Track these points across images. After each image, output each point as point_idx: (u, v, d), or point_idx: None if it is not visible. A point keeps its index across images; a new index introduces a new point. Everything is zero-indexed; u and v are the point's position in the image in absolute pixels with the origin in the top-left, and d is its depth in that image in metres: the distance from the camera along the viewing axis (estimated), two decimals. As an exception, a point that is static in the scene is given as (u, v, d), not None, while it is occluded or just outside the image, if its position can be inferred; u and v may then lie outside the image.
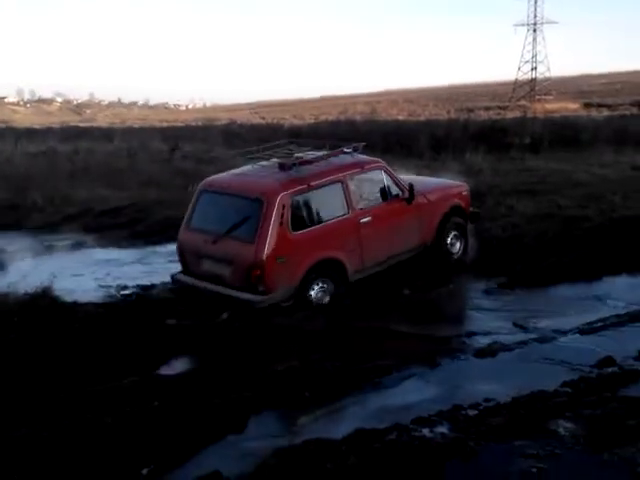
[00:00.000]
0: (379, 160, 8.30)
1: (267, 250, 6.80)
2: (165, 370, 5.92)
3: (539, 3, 76.15)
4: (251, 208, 7.01)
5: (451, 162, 20.81)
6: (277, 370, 5.62)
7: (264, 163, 7.84)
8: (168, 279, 8.63)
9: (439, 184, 9.38)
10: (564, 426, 4.51)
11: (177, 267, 7.89)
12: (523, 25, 77.76)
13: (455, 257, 8.93)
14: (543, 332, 6.52)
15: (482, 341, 6.26)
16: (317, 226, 7.27)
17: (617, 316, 6.87)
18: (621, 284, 8.13)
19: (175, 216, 12.52)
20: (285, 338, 6.44)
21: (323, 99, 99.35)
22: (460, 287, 8.17)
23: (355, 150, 8.24)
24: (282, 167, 7.42)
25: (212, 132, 32.86)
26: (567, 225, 10.79)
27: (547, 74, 77.85)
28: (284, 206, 6.96)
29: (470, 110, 47.94)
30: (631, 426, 4.40)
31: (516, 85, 74.87)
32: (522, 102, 61.57)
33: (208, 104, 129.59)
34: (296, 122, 41.68)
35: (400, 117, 43.89)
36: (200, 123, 46.31)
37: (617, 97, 55.28)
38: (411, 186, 8.18)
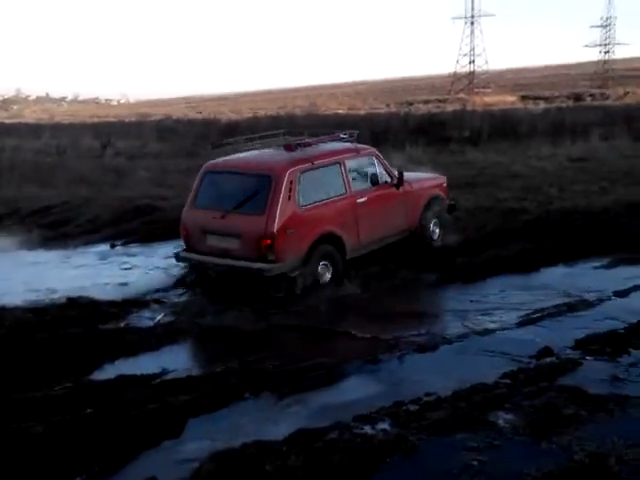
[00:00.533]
0: (372, 147, 9.10)
1: (277, 221, 7.39)
2: (98, 375, 5.78)
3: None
4: (260, 184, 7.60)
5: (392, 155, 21.04)
6: (215, 371, 5.56)
7: (269, 148, 8.48)
8: (101, 280, 8.48)
9: (422, 176, 10.24)
10: (504, 417, 4.60)
11: (109, 267, 7.76)
12: (461, 18, 79.18)
13: (435, 244, 9.65)
14: (483, 324, 6.64)
15: (423, 335, 6.33)
16: (320, 202, 7.93)
17: (555, 306, 7.05)
18: (558, 274, 8.36)
19: (107, 215, 12.34)
20: (223, 339, 6.39)
21: (261, 93, 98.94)
22: (402, 282, 8.24)
23: (351, 137, 8.89)
24: (287, 148, 8.15)
25: (146, 127, 32.38)
26: (506, 217, 11.06)
27: (485, 67, 79.45)
28: (292, 182, 7.59)
29: (410, 103, 48.51)
30: (568, 415, 4.53)
31: (455, 78, 76.12)
32: (461, 95, 62.68)
33: (142, 99, 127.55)
34: (234, 117, 41.39)
35: (340, 111, 44.10)
36: (134, 118, 45.54)
37: (553, 90, 56.81)
38: (400, 173, 8.98)
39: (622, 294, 7.38)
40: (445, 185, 10.13)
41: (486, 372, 5.39)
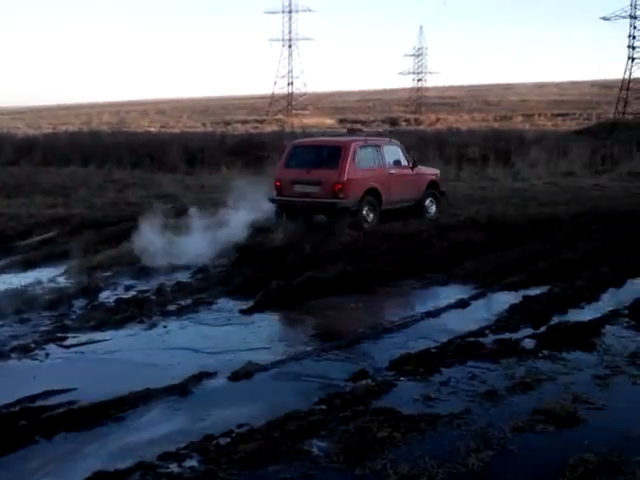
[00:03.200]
0: (397, 141, 14.76)
1: (346, 173, 12.48)
2: None
3: (294, 20, 79.89)
4: (335, 152, 12.90)
5: (207, 176, 20.94)
6: (1, 413, 5.12)
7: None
8: None
9: (425, 167, 15.29)
10: (318, 445, 4.62)
11: None
12: (278, 41, 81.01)
13: (429, 216, 14.08)
14: (300, 349, 6.70)
15: (237, 363, 6.25)
16: (368, 168, 13.07)
17: (371, 327, 7.31)
18: (376, 295, 8.71)
19: None
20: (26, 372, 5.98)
21: (65, 107, 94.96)
22: (218, 309, 8.15)
23: (383, 134, 18.96)
24: (350, 132, 19.37)
25: None
26: (324, 239, 11.38)
27: (304, 89, 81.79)
28: (354, 151, 12.75)
29: (227, 123, 48.81)
30: (382, 438, 4.65)
31: (273, 99, 77.65)
32: (279, 116, 64.10)
33: None
34: (31, 132, 39.25)
35: (152, 129, 43.39)
36: None
37: (370, 114, 59.74)
38: (414, 159, 14.45)
39: (434, 314, 7.81)
40: (439, 175, 15.07)
41: (302, 398, 5.42)
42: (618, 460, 4.31)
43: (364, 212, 12.70)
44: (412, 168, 13.97)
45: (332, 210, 12.54)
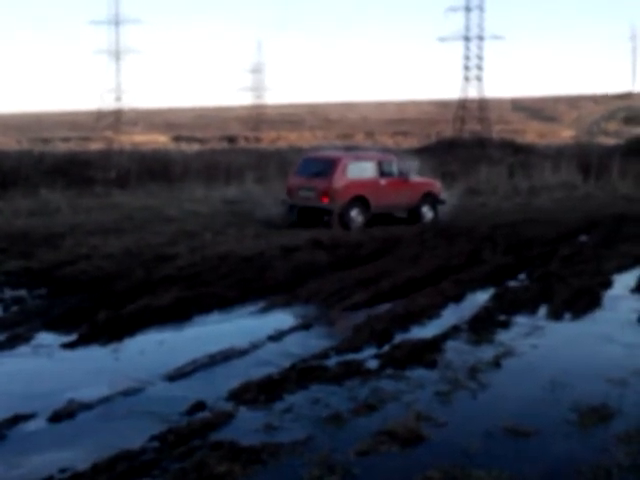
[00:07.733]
0: (394, 155, 18.73)
1: (335, 182, 15.63)
2: None
3: (122, 31, 78.54)
4: (330, 164, 16.04)
5: (21, 200, 19.95)
6: None
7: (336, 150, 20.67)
8: None
9: (423, 179, 18.32)
10: (150, 486, 4.52)
11: None
12: (104, 53, 79.24)
13: (424, 221, 17.01)
14: (130, 384, 6.49)
15: (58, 402, 5.97)
16: (359, 178, 16.05)
17: (209, 356, 7.20)
18: (212, 322, 8.69)
19: None
20: None
21: None
22: (35, 343, 7.76)
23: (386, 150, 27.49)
24: (347, 149, 21.34)
25: None
26: (158, 264, 11.18)
27: (134, 105, 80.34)
28: (345, 165, 15.91)
29: (47, 140, 47.00)
30: (221, 473, 4.60)
31: (99, 115, 75.67)
32: (107, 133, 62.54)
33: None
34: None
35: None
36: None
37: (207, 131, 59.71)
38: (407, 172, 17.26)
39: (276, 338, 7.85)
40: (438, 186, 17.90)
41: (132, 437, 5.25)
42: (460, 475, 4.53)
43: (351, 214, 15.76)
44: (405, 180, 16.87)
45: (322, 211, 15.83)
